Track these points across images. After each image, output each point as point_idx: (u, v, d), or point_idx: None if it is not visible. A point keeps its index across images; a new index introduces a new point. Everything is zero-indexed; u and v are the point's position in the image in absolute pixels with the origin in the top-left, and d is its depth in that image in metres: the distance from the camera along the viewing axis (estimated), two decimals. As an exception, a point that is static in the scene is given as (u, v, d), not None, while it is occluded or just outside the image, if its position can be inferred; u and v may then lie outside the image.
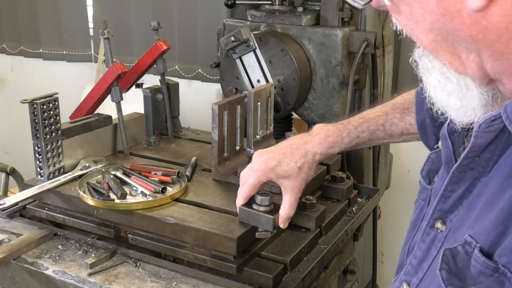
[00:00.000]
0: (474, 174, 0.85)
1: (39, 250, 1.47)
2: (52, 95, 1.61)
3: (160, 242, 1.42)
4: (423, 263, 0.93)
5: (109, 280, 1.34)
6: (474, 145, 0.83)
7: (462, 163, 0.86)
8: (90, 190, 1.54)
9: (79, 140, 1.73)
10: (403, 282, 0.98)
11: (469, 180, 0.86)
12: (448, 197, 0.89)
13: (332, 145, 1.37)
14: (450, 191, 0.88)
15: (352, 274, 1.73)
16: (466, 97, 0.83)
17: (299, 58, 1.88)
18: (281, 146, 1.39)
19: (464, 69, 0.80)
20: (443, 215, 0.90)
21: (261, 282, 1.31)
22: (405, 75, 2.56)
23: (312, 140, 1.38)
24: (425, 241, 0.94)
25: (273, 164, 1.33)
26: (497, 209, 0.77)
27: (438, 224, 0.91)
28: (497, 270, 0.74)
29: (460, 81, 0.82)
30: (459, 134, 0.93)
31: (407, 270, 0.98)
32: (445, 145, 0.94)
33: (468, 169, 0.85)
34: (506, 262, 0.73)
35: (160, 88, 2.02)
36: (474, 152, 0.83)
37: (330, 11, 1.90)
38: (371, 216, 1.98)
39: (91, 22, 3.38)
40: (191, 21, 2.99)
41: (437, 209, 0.91)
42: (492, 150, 0.83)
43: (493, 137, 0.82)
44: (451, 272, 0.80)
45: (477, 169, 0.85)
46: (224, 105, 1.62)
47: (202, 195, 1.55)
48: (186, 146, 1.99)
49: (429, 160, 1.07)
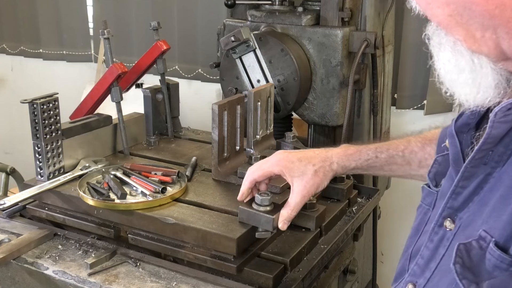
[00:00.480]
0: (487, 169, 0.84)
1: (39, 250, 1.47)
2: (52, 95, 1.61)
3: (160, 242, 1.42)
4: (431, 262, 0.92)
5: (109, 280, 1.34)
6: (489, 136, 0.81)
7: (476, 157, 0.84)
8: (90, 190, 1.54)
9: (79, 140, 1.73)
10: (408, 283, 0.96)
11: (481, 175, 0.84)
12: (459, 194, 0.87)
13: (349, 158, 1.37)
14: (462, 187, 0.87)
15: (352, 274, 1.73)
16: (479, 75, 0.80)
17: (299, 58, 1.88)
18: (305, 150, 1.42)
19: (479, 47, 0.78)
20: (452, 213, 0.89)
21: (261, 282, 1.31)
22: (405, 75, 2.57)
23: (334, 150, 1.39)
24: (433, 240, 0.92)
25: (292, 159, 1.34)
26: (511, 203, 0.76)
27: (447, 223, 0.89)
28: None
29: (474, 58, 0.80)
30: (467, 133, 0.92)
31: (412, 271, 0.96)
32: (453, 143, 0.93)
33: (481, 164, 0.84)
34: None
35: (160, 88, 2.02)
36: (488, 144, 0.82)
37: (330, 11, 1.90)
38: (371, 216, 1.98)
39: (91, 22, 3.38)
40: (191, 21, 2.99)
41: (447, 206, 0.89)
42: (506, 144, 0.81)
43: (509, 128, 0.80)
44: (465, 266, 0.79)
45: (491, 163, 0.83)
46: (224, 105, 1.62)
47: (202, 195, 1.55)
48: (186, 146, 1.99)
49: (436, 163, 1.06)
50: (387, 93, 2.18)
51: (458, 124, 0.93)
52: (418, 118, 2.62)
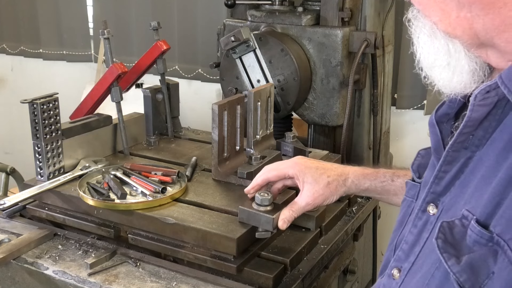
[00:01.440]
0: (467, 154, 0.87)
1: (39, 250, 1.47)
2: (52, 95, 1.61)
3: (160, 242, 1.42)
4: (415, 247, 0.94)
5: (109, 280, 1.34)
6: (469, 119, 0.84)
7: (457, 140, 0.86)
8: (90, 190, 1.54)
9: (79, 140, 1.73)
10: (393, 268, 0.98)
11: (462, 159, 0.87)
12: (442, 179, 0.90)
13: (366, 177, 1.35)
14: (444, 172, 0.90)
15: (352, 274, 1.73)
16: (454, 59, 0.84)
17: (299, 58, 1.88)
18: (324, 162, 1.41)
19: (453, 29, 0.81)
20: (435, 197, 0.92)
21: (261, 282, 1.31)
22: (405, 75, 2.57)
23: (351, 167, 1.39)
24: (417, 225, 0.95)
25: (309, 165, 1.34)
26: (493, 182, 0.79)
27: (430, 208, 0.92)
28: (492, 240, 0.76)
29: (449, 42, 0.83)
30: (447, 123, 0.95)
31: (397, 257, 0.98)
32: (433, 132, 0.96)
33: (462, 148, 0.87)
34: (500, 231, 0.75)
35: (160, 88, 2.02)
36: (469, 127, 0.84)
37: (330, 11, 1.90)
38: (371, 216, 1.98)
39: (91, 22, 3.38)
40: (191, 21, 2.99)
41: (430, 191, 0.92)
42: (485, 128, 0.84)
43: (488, 111, 0.83)
44: (447, 241, 0.81)
45: (471, 148, 0.86)
46: (224, 105, 1.62)
47: (202, 195, 1.55)
48: (186, 146, 1.99)
49: (419, 156, 1.10)
50: (387, 93, 2.18)
51: (438, 114, 0.96)
52: (418, 118, 2.62)
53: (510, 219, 0.75)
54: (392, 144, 2.36)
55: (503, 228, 0.75)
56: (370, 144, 2.08)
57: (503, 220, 0.76)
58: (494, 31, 0.79)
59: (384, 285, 1.00)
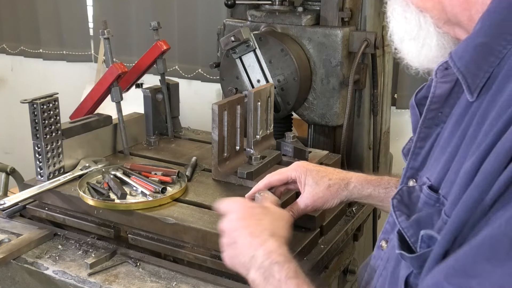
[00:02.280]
0: (437, 130, 0.93)
1: (39, 250, 1.47)
2: (52, 95, 1.61)
3: (160, 242, 1.42)
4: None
5: (109, 280, 1.34)
6: (434, 95, 0.90)
7: (427, 117, 0.92)
8: (90, 190, 1.54)
9: (79, 140, 1.73)
10: (381, 240, 1.04)
11: (434, 135, 0.93)
12: (418, 154, 0.96)
13: (369, 182, 1.34)
14: (419, 148, 0.96)
15: (352, 274, 1.73)
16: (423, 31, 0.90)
17: (299, 58, 1.88)
18: (328, 167, 1.42)
19: (424, 3, 0.88)
20: (414, 173, 0.97)
21: (261, 282, 1.31)
22: (405, 75, 2.56)
23: (355, 173, 1.38)
24: None
25: (311, 169, 1.34)
26: (447, 151, 0.86)
27: (411, 182, 0.97)
28: (438, 201, 0.84)
29: (420, 16, 0.90)
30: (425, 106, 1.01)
31: (384, 229, 1.04)
32: (413, 113, 1.01)
33: (433, 125, 0.93)
34: (445, 193, 0.83)
35: (160, 88, 2.02)
36: (435, 104, 0.91)
37: (330, 11, 1.90)
38: (371, 216, 1.98)
39: (91, 22, 3.38)
40: (191, 21, 2.99)
41: (409, 167, 0.98)
42: (451, 105, 0.90)
43: (450, 88, 0.89)
44: (403, 202, 0.89)
45: (440, 124, 0.92)
46: (224, 105, 1.62)
47: (202, 195, 1.55)
48: (186, 146, 1.99)
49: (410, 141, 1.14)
50: (387, 93, 2.18)
51: (418, 96, 1.01)
52: (418, 118, 2.62)
53: (452, 181, 0.81)
54: (392, 144, 2.36)
55: (447, 189, 0.82)
56: (370, 144, 2.08)
57: (448, 183, 0.83)
58: (459, 7, 0.85)
59: (374, 256, 1.07)
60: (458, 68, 0.83)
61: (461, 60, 0.83)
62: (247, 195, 1.36)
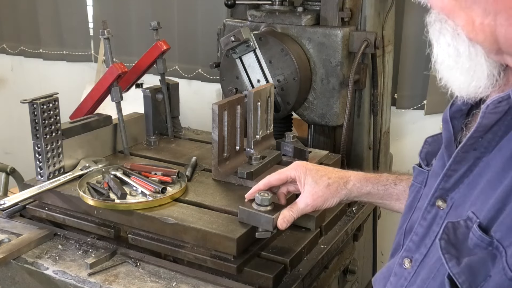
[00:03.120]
0: (476, 154, 0.90)
1: (39, 250, 1.47)
2: (52, 95, 1.61)
3: (160, 242, 1.42)
4: (425, 239, 0.98)
5: (109, 280, 1.34)
6: (480, 125, 0.87)
7: (467, 143, 0.90)
8: (90, 190, 1.54)
9: (79, 140, 1.73)
10: (404, 258, 1.02)
11: (471, 160, 0.91)
12: (451, 176, 0.94)
13: (368, 180, 1.35)
14: (453, 170, 0.93)
15: (352, 274, 1.73)
16: (474, 63, 0.87)
17: (299, 58, 1.88)
18: (327, 167, 1.41)
19: (476, 35, 0.84)
20: (444, 193, 0.95)
21: (261, 282, 1.31)
22: (405, 75, 2.57)
23: (353, 171, 1.39)
24: (426, 218, 0.98)
25: (310, 168, 1.34)
26: (499, 188, 0.82)
27: (439, 202, 0.96)
28: (491, 244, 0.80)
29: (470, 47, 0.86)
30: (459, 118, 0.99)
31: (407, 247, 1.02)
32: (446, 128, 1.00)
33: (471, 149, 0.90)
34: (500, 237, 0.79)
35: (160, 88, 2.02)
36: (479, 132, 0.88)
37: (330, 11, 1.90)
38: (371, 216, 1.98)
39: (91, 22, 3.38)
40: (191, 21, 2.99)
41: (439, 187, 0.95)
42: (495, 131, 0.88)
43: (498, 118, 0.86)
44: (450, 242, 0.85)
45: (480, 149, 0.90)
46: (224, 105, 1.62)
47: (202, 195, 1.55)
48: (186, 146, 1.99)
49: (427, 144, 1.14)
50: (387, 93, 2.19)
51: (453, 110, 0.99)
52: (418, 118, 2.62)
53: (509, 227, 0.78)
54: (392, 144, 2.36)
55: (502, 234, 0.79)
56: (370, 144, 2.08)
57: (503, 227, 0.79)
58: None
59: (396, 274, 1.04)
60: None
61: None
62: (247, 195, 1.36)
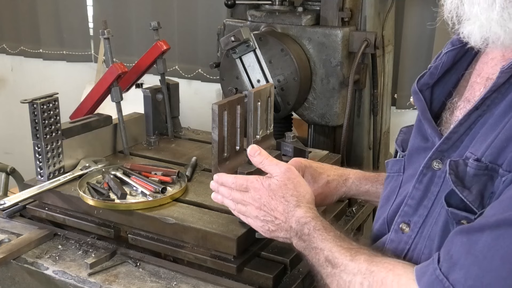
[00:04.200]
0: (478, 113, 0.95)
1: (39, 250, 1.47)
2: (52, 95, 1.61)
3: (160, 242, 1.42)
4: (424, 200, 0.99)
5: (109, 280, 1.34)
6: (494, 84, 0.92)
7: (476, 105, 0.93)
8: (90, 190, 1.54)
9: (79, 140, 1.73)
10: (400, 223, 1.03)
11: (473, 119, 0.95)
12: (450, 138, 0.97)
13: (367, 178, 1.36)
14: (454, 133, 0.97)
15: (352, 274, 1.73)
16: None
17: (299, 58, 1.88)
18: (324, 164, 1.43)
19: None
20: (440, 154, 0.98)
21: (261, 282, 1.31)
22: (405, 75, 2.57)
23: (352, 169, 1.40)
24: (422, 181, 1.00)
25: (309, 165, 1.34)
26: (497, 128, 0.89)
27: (435, 163, 0.99)
28: (487, 168, 0.88)
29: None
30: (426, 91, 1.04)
31: (403, 212, 1.03)
32: (418, 98, 1.05)
33: (474, 110, 0.94)
34: (491, 159, 0.87)
35: (160, 88, 2.02)
36: (491, 92, 0.93)
37: (330, 11, 1.90)
38: (371, 216, 1.98)
39: (91, 22, 3.38)
40: (191, 21, 2.99)
41: (438, 150, 0.98)
42: (502, 91, 0.92)
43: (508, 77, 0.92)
44: (458, 176, 0.91)
45: (482, 108, 0.93)
46: (224, 105, 1.62)
47: (202, 195, 1.55)
48: (186, 146, 1.98)
49: (402, 132, 1.18)
50: (387, 93, 2.19)
51: (420, 83, 1.05)
52: (418, 118, 2.62)
53: (500, 149, 0.86)
54: (392, 144, 2.36)
55: (493, 156, 0.87)
56: (370, 144, 2.08)
57: (494, 150, 0.87)
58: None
59: (392, 240, 1.05)
60: None
61: None
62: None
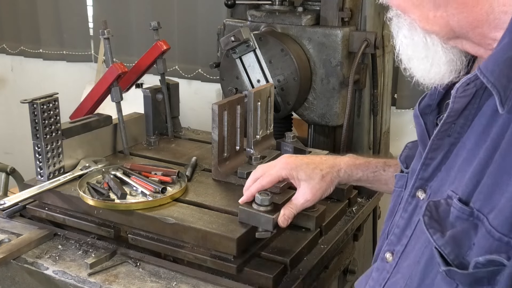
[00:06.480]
0: (450, 140, 0.94)
1: (39, 250, 1.47)
2: (52, 95, 1.61)
3: (160, 242, 1.42)
4: (406, 230, 1.00)
5: (109, 280, 1.34)
6: (451, 110, 0.91)
7: (441, 130, 0.94)
8: (90, 190, 1.54)
9: (79, 140, 1.73)
10: (386, 252, 1.03)
11: (446, 146, 0.95)
12: (428, 165, 0.97)
13: (358, 167, 1.37)
14: (430, 159, 0.97)
15: (352, 274, 1.73)
16: (431, 51, 0.92)
17: (299, 58, 1.88)
18: (312, 156, 1.44)
19: (431, 27, 0.90)
20: (423, 183, 0.98)
21: (261, 282, 1.31)
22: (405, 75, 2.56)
23: (342, 158, 1.41)
24: (407, 210, 1.01)
25: (299, 163, 1.34)
26: (474, 163, 0.86)
27: (419, 193, 0.99)
28: (472, 215, 0.83)
29: (426, 37, 0.92)
30: (430, 114, 1.03)
31: (389, 241, 1.04)
32: (418, 123, 1.04)
33: (445, 136, 0.94)
34: (479, 206, 0.83)
35: (160, 88, 2.02)
36: (451, 117, 0.92)
37: (330, 11, 1.90)
38: (371, 216, 1.98)
39: (91, 22, 3.38)
40: (191, 21, 2.99)
41: (419, 178, 0.99)
42: (466, 116, 0.91)
43: (467, 102, 0.90)
44: (433, 218, 0.88)
45: (454, 135, 0.93)
46: (224, 105, 1.62)
47: (202, 195, 1.55)
48: (186, 146, 1.99)
49: (407, 148, 1.18)
50: (387, 93, 2.18)
51: (421, 106, 1.03)
52: (418, 118, 2.62)
53: (487, 195, 0.82)
54: (392, 144, 2.36)
55: (481, 203, 0.82)
56: (370, 144, 2.08)
57: (481, 196, 0.83)
58: (469, 27, 0.87)
59: (377, 268, 1.05)
60: (492, 83, 0.83)
61: (493, 74, 0.84)
62: (241, 200, 1.36)
